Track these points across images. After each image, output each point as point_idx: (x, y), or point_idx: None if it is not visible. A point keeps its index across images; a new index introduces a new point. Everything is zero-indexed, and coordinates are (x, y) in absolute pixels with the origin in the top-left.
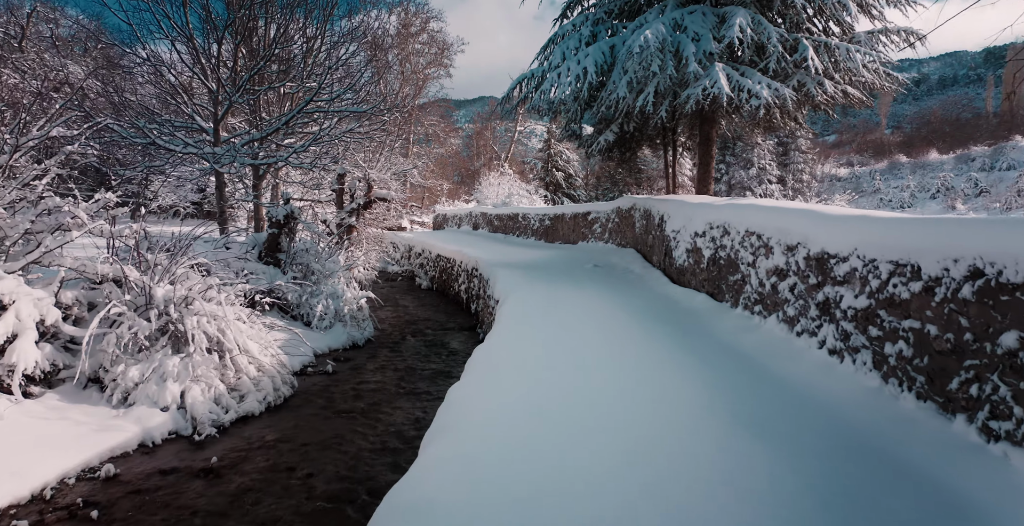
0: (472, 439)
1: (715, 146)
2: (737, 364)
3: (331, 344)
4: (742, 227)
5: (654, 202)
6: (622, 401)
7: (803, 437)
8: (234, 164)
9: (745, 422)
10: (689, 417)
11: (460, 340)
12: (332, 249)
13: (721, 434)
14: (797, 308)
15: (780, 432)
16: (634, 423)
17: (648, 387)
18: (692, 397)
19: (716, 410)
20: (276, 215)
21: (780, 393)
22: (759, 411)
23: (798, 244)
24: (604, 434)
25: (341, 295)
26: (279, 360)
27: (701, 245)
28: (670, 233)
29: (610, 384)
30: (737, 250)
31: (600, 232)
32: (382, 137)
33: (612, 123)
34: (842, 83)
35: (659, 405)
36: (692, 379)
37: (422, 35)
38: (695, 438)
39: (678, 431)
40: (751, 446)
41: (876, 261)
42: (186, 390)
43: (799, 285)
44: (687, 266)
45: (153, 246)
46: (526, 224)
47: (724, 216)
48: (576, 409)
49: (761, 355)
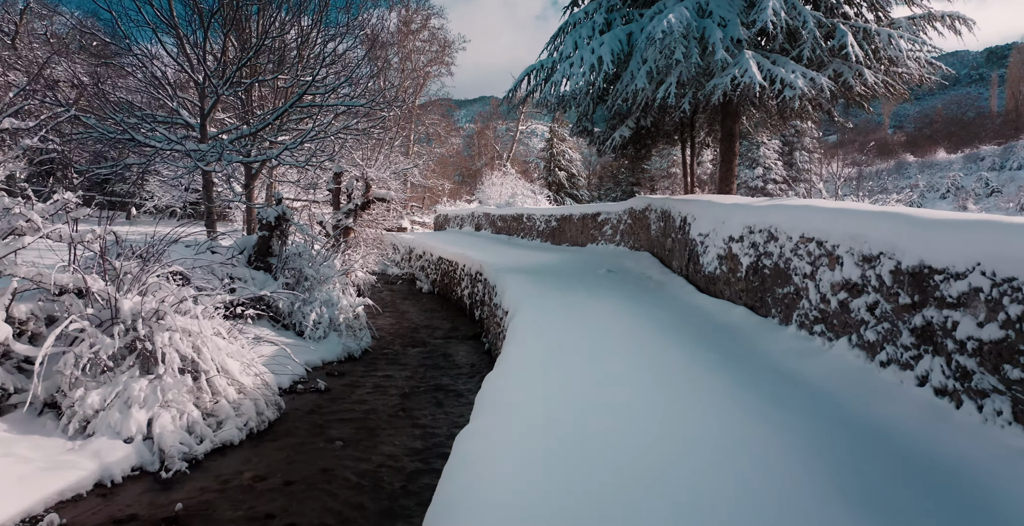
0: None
1: (738, 142)
2: (813, 403)
3: (325, 356)
4: (795, 232)
5: (674, 203)
6: (686, 471)
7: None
8: (220, 162)
9: (859, 500)
10: (776, 490)
11: (464, 351)
12: (327, 253)
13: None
14: (880, 332)
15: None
16: (708, 505)
17: (711, 445)
18: (769, 455)
19: (814, 477)
20: (266, 217)
21: (887, 451)
22: (873, 481)
23: (880, 254)
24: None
25: (336, 302)
26: (263, 379)
27: (738, 251)
28: (696, 237)
29: (664, 441)
30: (788, 259)
31: (611, 234)
32: (381, 134)
33: (627, 118)
34: (881, 73)
35: (729, 467)
36: (761, 424)
37: (423, 32)
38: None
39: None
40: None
41: (1017, 281)
42: (154, 418)
43: (883, 304)
44: (719, 274)
45: (125, 252)
46: (531, 225)
47: (770, 219)
48: (620, 484)
49: (838, 389)
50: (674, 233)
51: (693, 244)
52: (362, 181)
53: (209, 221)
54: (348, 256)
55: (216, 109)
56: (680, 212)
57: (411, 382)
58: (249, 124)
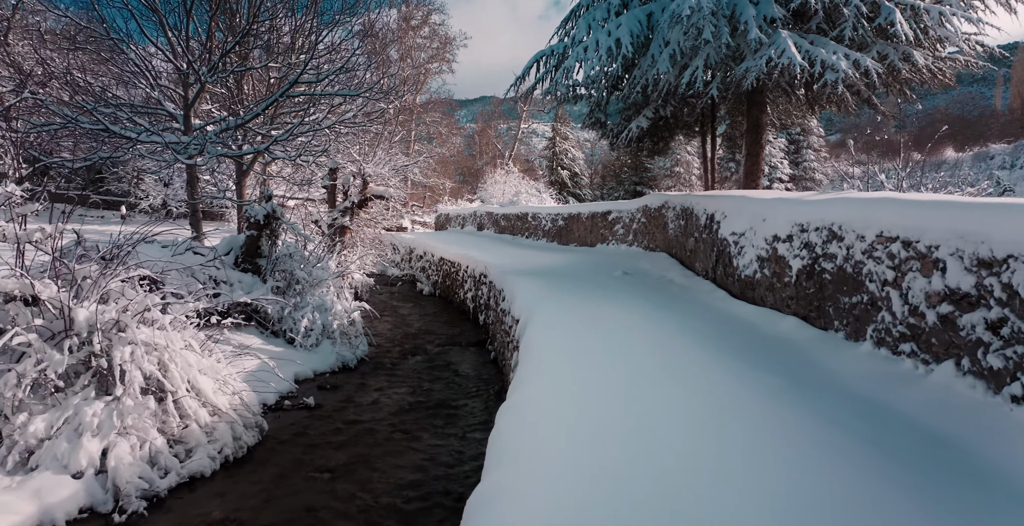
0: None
1: (766, 134)
2: (933, 452)
3: (317, 367)
4: (869, 230)
5: (698, 199)
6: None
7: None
8: (203, 155)
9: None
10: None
11: (468, 360)
12: (321, 254)
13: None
14: (1008, 359)
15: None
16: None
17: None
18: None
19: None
20: (254, 215)
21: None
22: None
23: (1009, 258)
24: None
25: (330, 307)
26: (242, 399)
27: (785, 253)
28: (727, 236)
29: (754, 514)
30: (859, 262)
31: (623, 234)
32: (379, 128)
33: (645, 108)
34: (930, 55)
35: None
36: (878, 486)
37: (423, 29)
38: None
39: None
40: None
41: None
42: (110, 447)
43: (1014, 323)
44: (759, 279)
45: (89, 253)
46: (536, 224)
47: (831, 214)
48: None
49: (957, 432)
50: (698, 232)
51: (723, 244)
52: (359, 177)
53: (194, 220)
54: (344, 257)
55: (202, 100)
56: (706, 209)
57: (410, 397)
58: (237, 116)
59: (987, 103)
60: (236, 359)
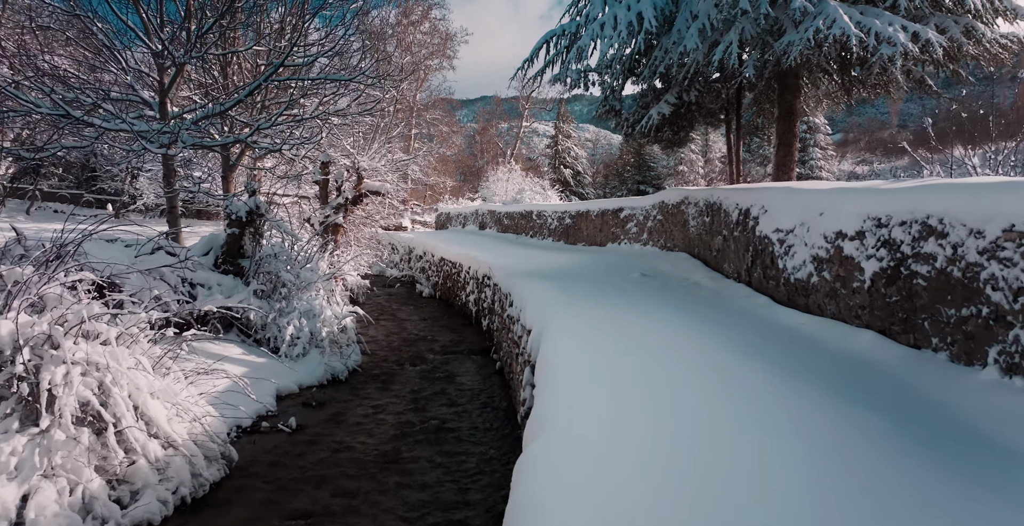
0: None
1: (799, 121)
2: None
3: (302, 379)
4: (992, 223)
5: (728, 193)
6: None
7: None
8: (177, 144)
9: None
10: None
11: (471, 370)
12: (311, 254)
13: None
14: None
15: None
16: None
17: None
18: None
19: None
20: (236, 211)
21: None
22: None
23: None
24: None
25: (319, 313)
26: (205, 426)
27: (853, 252)
28: (769, 234)
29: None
30: (977, 264)
31: (636, 233)
32: (375, 120)
33: (667, 92)
34: (995, 29)
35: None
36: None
37: (423, 24)
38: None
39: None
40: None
41: None
42: (32, 493)
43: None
44: (817, 283)
45: (30, 253)
46: (542, 223)
47: (926, 205)
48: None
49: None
50: (727, 230)
51: (763, 243)
52: (353, 172)
53: (172, 216)
54: (337, 257)
55: (183, 87)
56: (738, 204)
57: (406, 416)
58: (218, 102)
59: (984, 104)
60: (205, 376)
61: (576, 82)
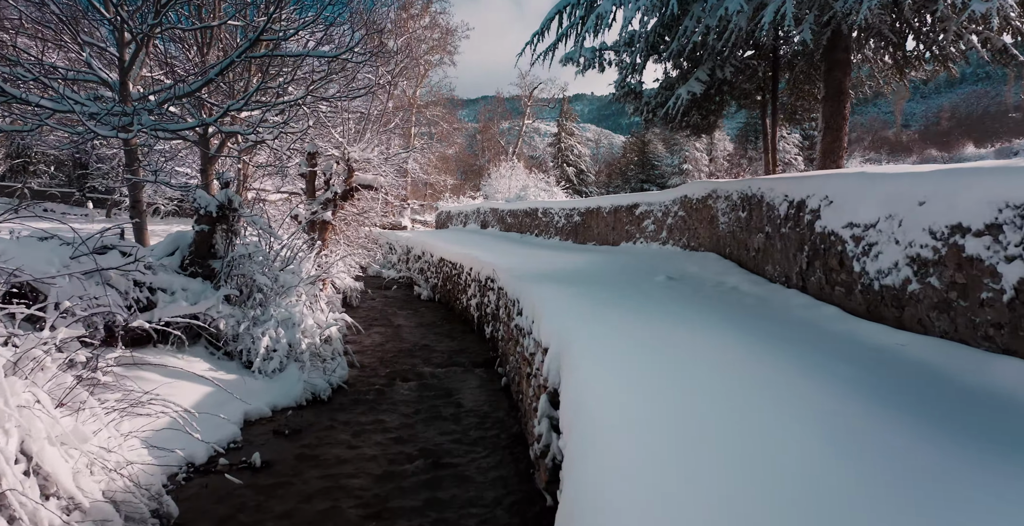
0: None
1: (849, 103)
2: None
3: (277, 400)
4: None
5: (771, 183)
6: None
7: None
8: (134, 128)
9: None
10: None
11: (473, 387)
12: (291, 254)
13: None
14: None
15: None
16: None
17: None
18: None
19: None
20: (205, 205)
21: None
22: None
23: None
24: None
25: (299, 321)
26: (128, 477)
27: (981, 252)
28: (839, 229)
29: None
30: None
31: (654, 231)
32: (366, 102)
33: (698, 68)
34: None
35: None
36: None
37: (423, 17)
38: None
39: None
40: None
41: None
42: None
43: None
44: (917, 292)
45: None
46: (548, 221)
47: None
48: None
49: None
50: (771, 226)
51: (829, 241)
52: (343, 164)
53: (135, 211)
54: (324, 258)
55: (152, 66)
56: (788, 195)
57: (396, 448)
58: (187, 83)
59: (992, 102)
60: (143, 407)
61: (590, 61)
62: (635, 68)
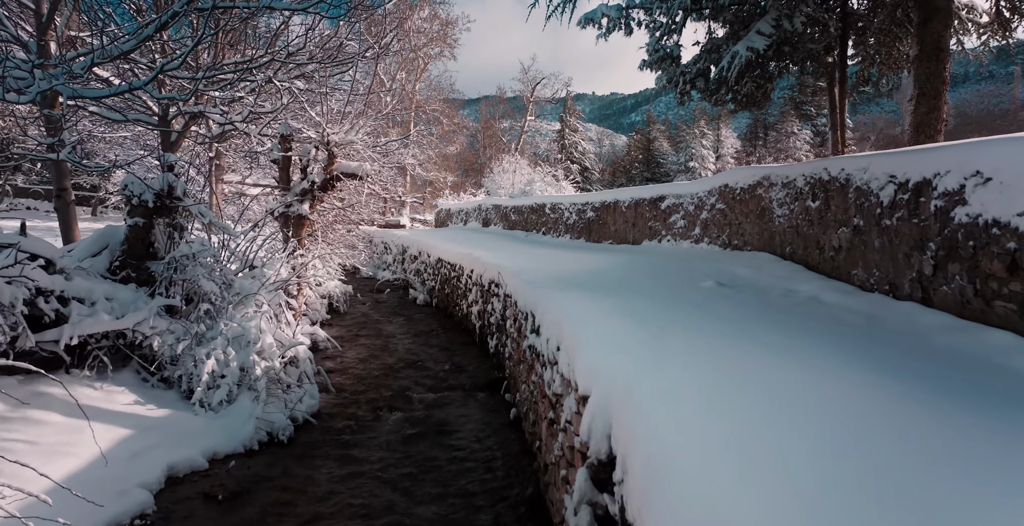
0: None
1: (950, 63)
2: None
3: (219, 444)
4: None
5: (859, 161)
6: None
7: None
8: (29, 91)
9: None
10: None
11: (474, 420)
12: (250, 255)
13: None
14: None
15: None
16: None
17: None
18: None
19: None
20: (140, 193)
21: None
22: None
23: None
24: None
25: (255, 339)
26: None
27: None
28: (1011, 219)
29: None
30: None
31: (684, 227)
32: (352, 81)
33: (759, 20)
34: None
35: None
36: None
37: (423, 8)
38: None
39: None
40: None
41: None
42: None
43: None
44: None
45: None
46: (557, 218)
47: None
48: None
49: None
50: (866, 217)
51: (983, 237)
52: (323, 149)
53: (61, 203)
54: (299, 259)
55: (73, 19)
56: (898, 176)
57: (375, 519)
58: (119, 45)
59: (1001, 100)
60: None
61: (615, 22)
62: (672, 28)
